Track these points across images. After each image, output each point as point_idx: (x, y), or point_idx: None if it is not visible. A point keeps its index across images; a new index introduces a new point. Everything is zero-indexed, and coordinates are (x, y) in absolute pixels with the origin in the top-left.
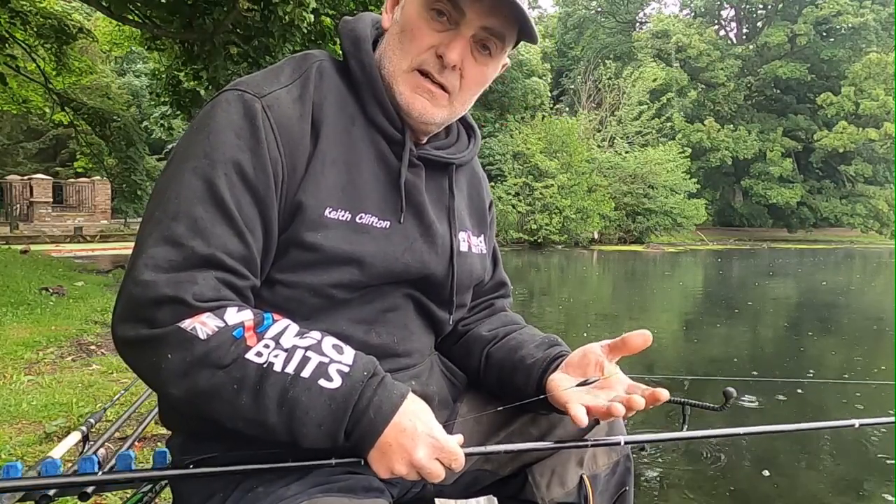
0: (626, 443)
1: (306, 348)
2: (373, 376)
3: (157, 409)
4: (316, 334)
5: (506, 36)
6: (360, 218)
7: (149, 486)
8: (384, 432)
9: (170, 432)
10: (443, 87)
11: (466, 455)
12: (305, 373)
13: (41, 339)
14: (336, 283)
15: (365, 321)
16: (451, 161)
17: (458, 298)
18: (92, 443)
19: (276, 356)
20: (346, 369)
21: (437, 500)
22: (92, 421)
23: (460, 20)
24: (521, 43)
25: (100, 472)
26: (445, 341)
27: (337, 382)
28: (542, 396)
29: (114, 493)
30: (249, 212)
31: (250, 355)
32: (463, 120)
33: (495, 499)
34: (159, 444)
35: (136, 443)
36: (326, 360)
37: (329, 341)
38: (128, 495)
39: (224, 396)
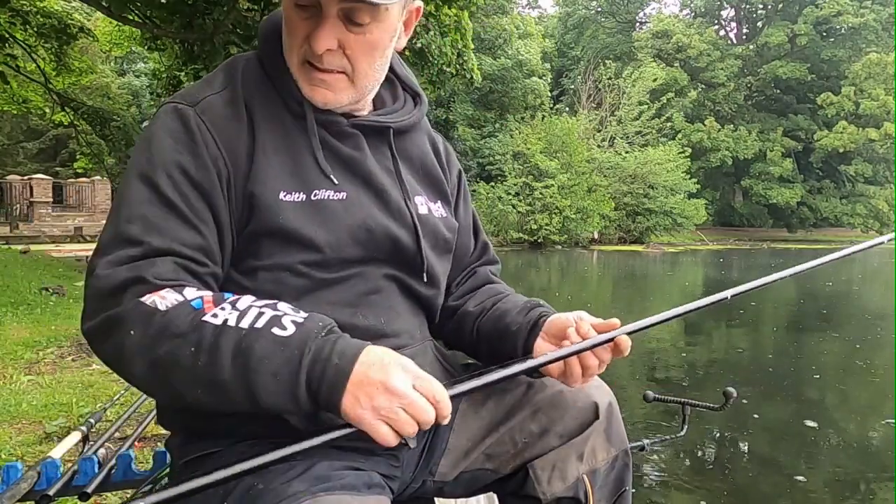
0: (732, 296)
1: (261, 306)
2: (330, 332)
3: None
4: (274, 300)
5: None
6: (315, 195)
7: (149, 487)
8: (353, 372)
9: (169, 432)
10: (335, 71)
11: (452, 397)
12: (259, 324)
13: (41, 339)
14: (311, 261)
15: (350, 304)
16: (387, 125)
17: (431, 263)
18: (92, 443)
19: (231, 314)
20: (301, 320)
21: (436, 499)
22: (92, 421)
23: (319, 3)
24: (522, 43)
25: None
26: (443, 324)
27: (290, 330)
28: (531, 364)
29: (114, 492)
30: (198, 205)
31: (207, 318)
32: (409, 87)
33: (495, 496)
34: (159, 444)
35: (136, 443)
36: (280, 313)
37: (287, 304)
38: (128, 495)
39: (182, 363)
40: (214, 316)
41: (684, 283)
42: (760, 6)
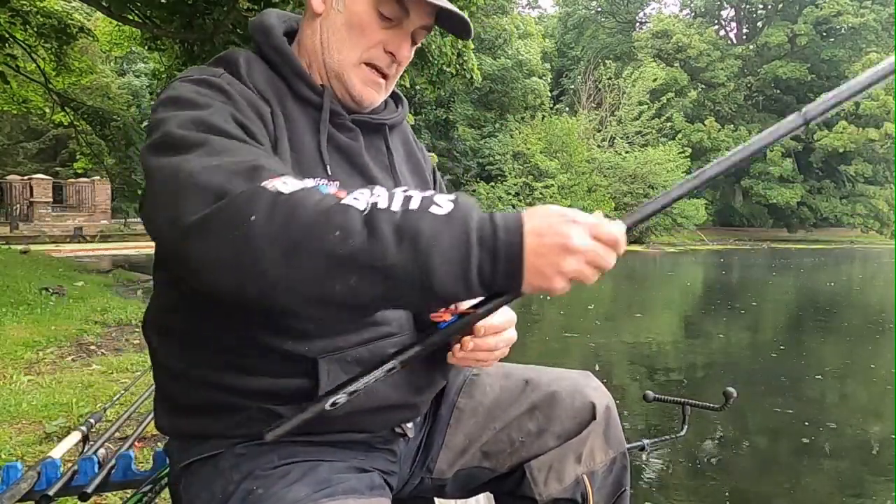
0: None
1: (405, 190)
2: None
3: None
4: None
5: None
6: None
7: (149, 486)
8: (526, 245)
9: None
10: (386, 76)
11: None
12: (413, 205)
13: (41, 339)
14: None
15: None
16: (383, 122)
17: None
18: (92, 443)
19: (374, 198)
20: (452, 196)
21: (436, 499)
22: (92, 421)
23: (404, 18)
24: (522, 43)
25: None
26: None
27: (448, 208)
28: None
29: (114, 493)
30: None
31: (347, 200)
32: None
33: (493, 497)
34: (159, 444)
35: (136, 443)
36: (429, 194)
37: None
38: (128, 495)
39: (327, 247)
40: (356, 199)
41: (685, 283)
42: (760, 6)
